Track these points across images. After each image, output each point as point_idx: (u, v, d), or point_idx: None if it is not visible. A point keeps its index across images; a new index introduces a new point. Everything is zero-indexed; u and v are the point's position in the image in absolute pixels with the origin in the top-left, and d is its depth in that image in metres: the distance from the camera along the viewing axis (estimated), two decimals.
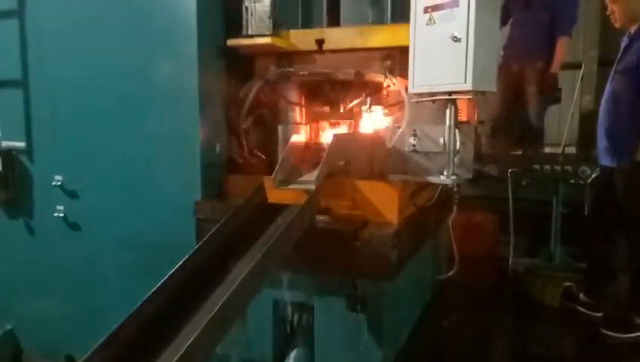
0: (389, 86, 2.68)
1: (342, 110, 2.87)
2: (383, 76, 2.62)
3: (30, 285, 3.11)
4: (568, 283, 3.76)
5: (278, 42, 2.71)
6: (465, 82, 2.08)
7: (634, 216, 3.18)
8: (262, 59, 2.88)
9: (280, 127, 2.85)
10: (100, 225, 2.90)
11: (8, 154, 3.05)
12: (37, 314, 3.09)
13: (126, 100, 2.78)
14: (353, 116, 2.86)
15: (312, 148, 2.79)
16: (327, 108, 2.90)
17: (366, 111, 2.86)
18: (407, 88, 2.38)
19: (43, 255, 3.05)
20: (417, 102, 2.38)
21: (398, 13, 2.81)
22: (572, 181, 4.03)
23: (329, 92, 2.81)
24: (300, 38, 2.77)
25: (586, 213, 3.74)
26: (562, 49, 4.66)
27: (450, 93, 2.20)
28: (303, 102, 2.89)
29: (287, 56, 2.81)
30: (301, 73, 2.76)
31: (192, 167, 2.67)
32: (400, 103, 2.59)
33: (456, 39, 2.08)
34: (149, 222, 2.76)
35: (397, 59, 2.62)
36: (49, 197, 2.98)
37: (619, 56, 3.29)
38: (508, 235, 4.24)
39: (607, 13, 3.33)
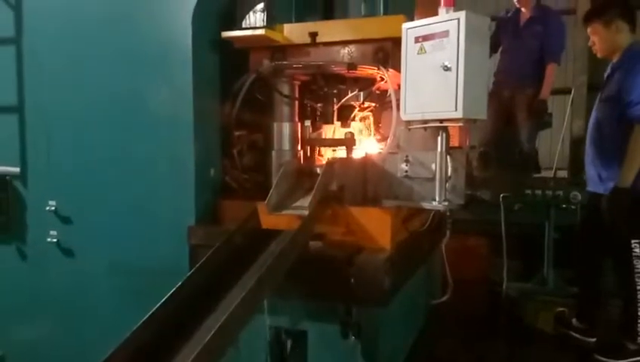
0: (382, 79, 2.71)
1: (335, 105, 2.91)
2: (376, 68, 2.64)
3: (22, 311, 3.08)
4: (561, 309, 3.77)
5: (272, 35, 2.72)
6: (456, 110, 2.12)
7: (620, 241, 3.21)
8: (256, 54, 2.89)
9: (274, 152, 2.88)
10: (94, 250, 2.89)
11: (2, 180, 3.05)
12: (29, 340, 3.05)
13: (120, 125, 2.80)
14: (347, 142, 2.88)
15: (305, 173, 2.81)
16: (320, 105, 2.93)
17: (359, 105, 2.90)
18: (399, 85, 2.41)
19: (36, 280, 3.03)
20: (409, 128, 2.41)
21: (391, 6, 2.86)
22: (564, 206, 4.07)
23: (323, 86, 2.82)
24: (294, 31, 2.79)
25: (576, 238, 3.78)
26: (551, 75, 4.75)
27: (441, 121, 2.23)
28: (296, 96, 2.89)
29: (280, 50, 2.82)
30: (295, 66, 2.76)
31: (185, 191, 2.68)
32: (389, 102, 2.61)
33: (446, 68, 2.12)
34: (142, 247, 2.75)
35: (389, 50, 2.64)
36: (42, 223, 2.97)
37: (603, 85, 3.37)
38: (500, 259, 4.25)
39: (589, 44, 3.42)
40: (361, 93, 2.90)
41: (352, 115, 3.02)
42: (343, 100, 2.90)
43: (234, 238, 2.40)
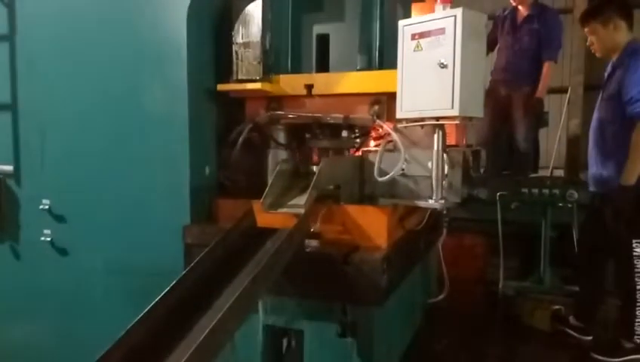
0: (377, 130, 2.70)
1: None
2: (372, 121, 2.65)
3: (16, 310, 3.06)
4: (557, 307, 3.76)
5: (268, 87, 2.73)
6: (452, 108, 2.11)
7: (622, 240, 3.20)
8: (252, 101, 2.91)
9: (270, 151, 2.86)
10: (88, 249, 2.87)
11: None
12: (22, 340, 3.03)
13: (115, 124, 2.78)
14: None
15: (301, 172, 2.80)
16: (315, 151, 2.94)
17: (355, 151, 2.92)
18: (395, 128, 2.42)
19: (29, 279, 3.01)
20: (405, 127, 2.40)
21: (386, 60, 2.84)
22: (560, 204, 4.06)
23: (318, 135, 2.84)
24: (290, 83, 2.79)
25: (576, 237, 3.77)
26: (548, 73, 4.75)
27: (437, 119, 2.22)
28: (292, 145, 2.91)
29: (276, 100, 2.84)
30: (290, 116, 2.78)
31: (180, 190, 2.66)
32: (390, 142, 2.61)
33: (443, 66, 2.11)
34: (137, 246, 2.74)
35: (385, 104, 2.64)
36: (36, 222, 2.95)
37: (604, 84, 3.36)
38: (497, 258, 4.24)
39: (588, 44, 3.41)
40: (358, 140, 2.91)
41: None
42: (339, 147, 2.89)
43: (229, 237, 2.38)
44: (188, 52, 2.62)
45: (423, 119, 2.27)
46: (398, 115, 2.35)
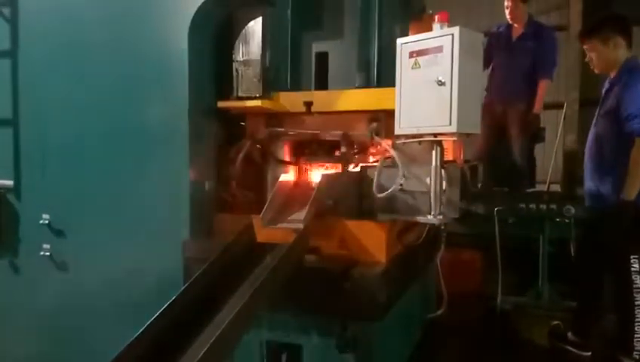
0: (376, 146, 2.74)
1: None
2: (370, 138, 2.68)
3: (14, 325, 3.05)
4: (556, 322, 3.76)
5: (268, 104, 2.75)
6: (450, 124, 2.13)
7: (620, 255, 3.21)
8: (252, 118, 2.94)
9: (269, 167, 2.88)
10: (87, 264, 2.87)
11: None
12: (21, 356, 3.02)
13: (115, 139, 2.80)
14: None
15: (301, 187, 2.81)
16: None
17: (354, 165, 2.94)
18: (393, 144, 2.44)
19: (28, 293, 3.01)
20: (404, 143, 2.43)
21: (384, 78, 2.87)
22: (557, 219, 4.08)
23: (317, 151, 2.87)
24: (290, 100, 2.82)
25: (573, 252, 3.77)
26: (543, 91, 4.78)
27: (435, 135, 2.25)
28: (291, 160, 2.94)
29: (276, 116, 2.87)
30: (290, 133, 2.81)
31: (180, 205, 2.67)
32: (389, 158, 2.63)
33: (440, 83, 2.14)
34: (136, 260, 2.74)
35: (383, 121, 2.67)
36: (36, 236, 2.96)
37: (601, 100, 3.39)
38: (495, 273, 4.25)
39: (586, 60, 3.44)
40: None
41: None
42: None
43: (228, 252, 2.39)
44: (189, 67, 2.65)
45: (421, 135, 2.30)
46: (397, 131, 2.37)
